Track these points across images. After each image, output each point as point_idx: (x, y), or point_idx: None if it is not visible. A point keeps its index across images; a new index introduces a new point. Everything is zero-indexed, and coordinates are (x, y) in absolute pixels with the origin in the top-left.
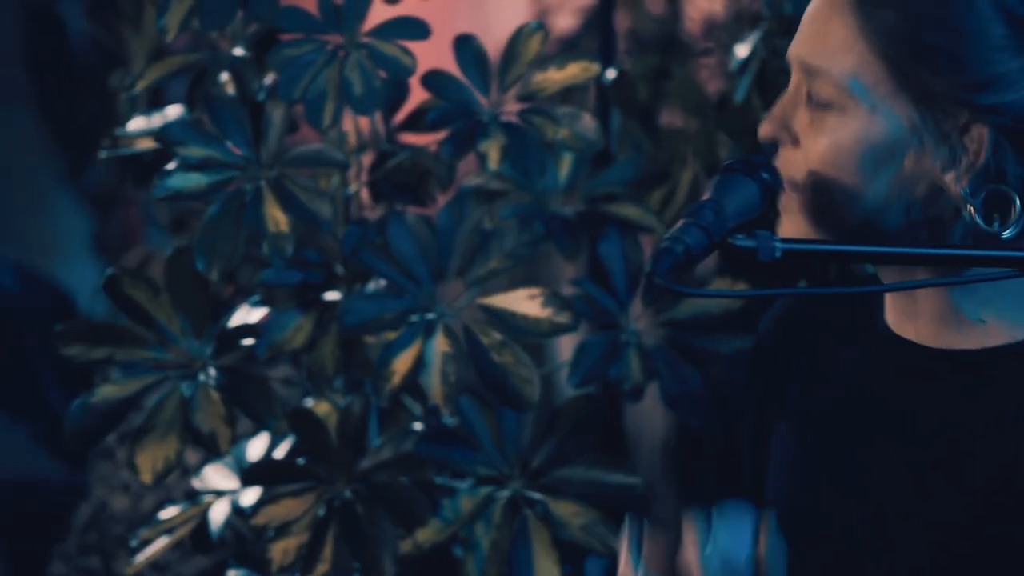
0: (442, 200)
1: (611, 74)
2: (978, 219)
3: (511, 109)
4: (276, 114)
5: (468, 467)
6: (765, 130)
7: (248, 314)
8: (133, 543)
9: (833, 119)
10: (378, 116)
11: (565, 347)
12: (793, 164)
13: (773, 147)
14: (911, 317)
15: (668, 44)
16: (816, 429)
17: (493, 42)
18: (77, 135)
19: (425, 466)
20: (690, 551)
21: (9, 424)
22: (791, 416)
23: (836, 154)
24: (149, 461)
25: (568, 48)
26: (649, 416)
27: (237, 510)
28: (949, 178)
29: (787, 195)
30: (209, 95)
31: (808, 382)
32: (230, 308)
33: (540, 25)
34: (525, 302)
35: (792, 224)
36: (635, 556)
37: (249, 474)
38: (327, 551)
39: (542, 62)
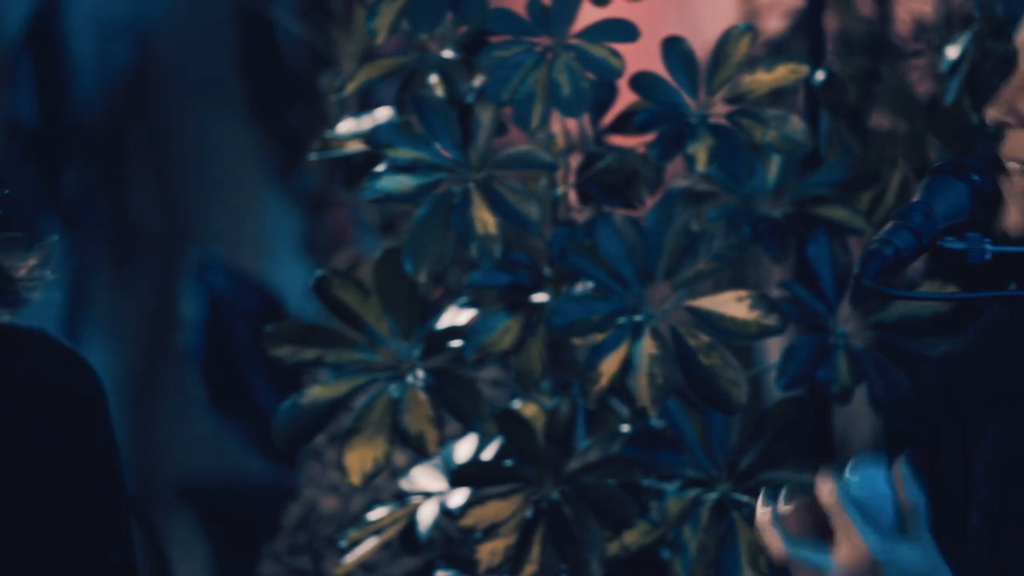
0: (650, 202)
1: (820, 76)
2: None
3: (719, 111)
4: (485, 116)
5: (675, 469)
6: (992, 113)
7: (456, 316)
8: (342, 544)
9: None
10: (586, 118)
11: (773, 349)
12: (1021, 147)
13: (1000, 130)
14: None
15: (878, 45)
16: None
17: (702, 44)
18: (287, 137)
19: (632, 468)
20: (827, 495)
21: (220, 425)
22: (1002, 417)
23: None
24: (358, 462)
25: (777, 50)
26: (857, 419)
27: (445, 511)
28: None
29: (1012, 180)
30: (418, 97)
31: (1020, 383)
32: (438, 310)
33: (749, 27)
34: (733, 304)
35: (1018, 210)
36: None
37: (457, 476)
38: (534, 552)
39: (751, 64)
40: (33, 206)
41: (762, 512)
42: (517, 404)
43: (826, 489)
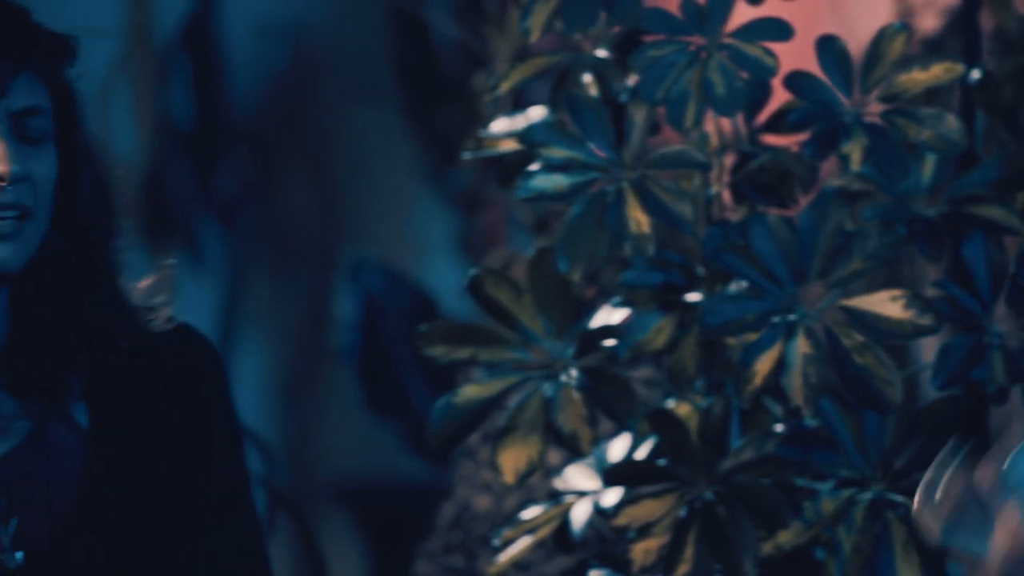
0: (803, 201)
1: (975, 74)
2: None
3: (874, 110)
4: (638, 115)
5: (830, 469)
6: None
7: (609, 315)
8: (495, 542)
9: None
10: (740, 117)
11: (927, 349)
12: None
13: None
14: None
15: None
16: None
17: (856, 43)
18: (441, 137)
19: (786, 468)
20: (985, 483)
21: (374, 425)
22: None
23: None
24: (512, 461)
25: (932, 48)
26: (1013, 419)
27: (599, 510)
28: None
29: None
30: (572, 96)
31: None
32: (591, 309)
33: (904, 25)
34: (887, 304)
35: None
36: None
37: (611, 475)
38: (688, 552)
39: (906, 63)
40: (189, 206)
41: (919, 500)
42: (670, 403)
43: (984, 477)
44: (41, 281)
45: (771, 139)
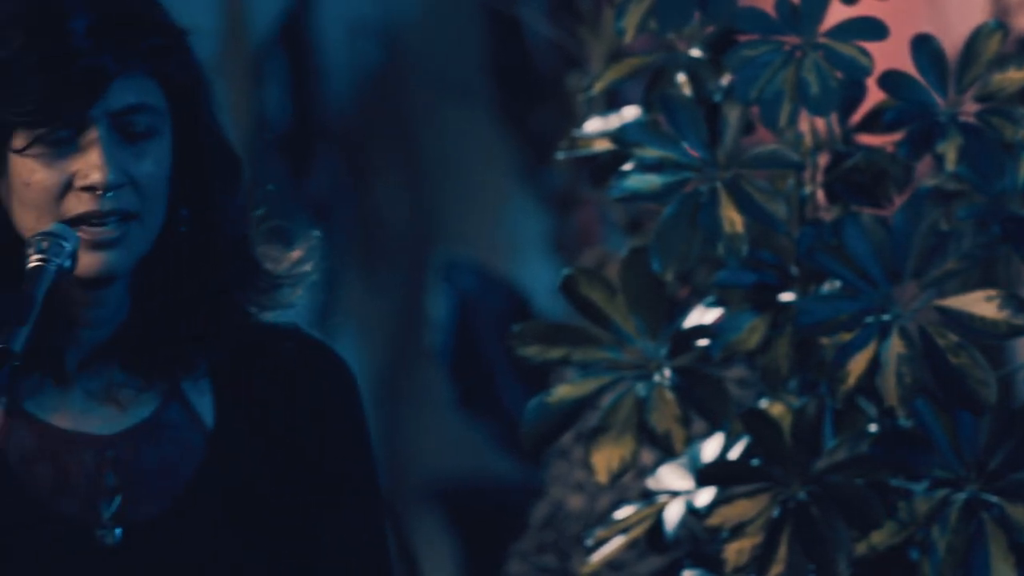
0: (898, 201)
1: None
2: None
3: (969, 109)
4: (732, 115)
5: (924, 469)
6: None
7: (703, 315)
8: (588, 542)
9: None
10: (834, 117)
11: (1023, 349)
12: None
13: None
14: None
15: None
16: None
17: (951, 42)
18: (535, 136)
19: (880, 468)
20: None
21: (467, 425)
22: None
23: None
24: (605, 461)
25: None
26: None
27: (692, 510)
28: None
29: None
30: (666, 96)
31: None
32: (685, 309)
33: (1000, 24)
34: (982, 304)
35: None
36: None
37: (704, 474)
38: (781, 552)
39: (1001, 62)
40: (284, 206)
41: None
42: (764, 403)
43: None
44: (166, 264)
45: (866, 139)
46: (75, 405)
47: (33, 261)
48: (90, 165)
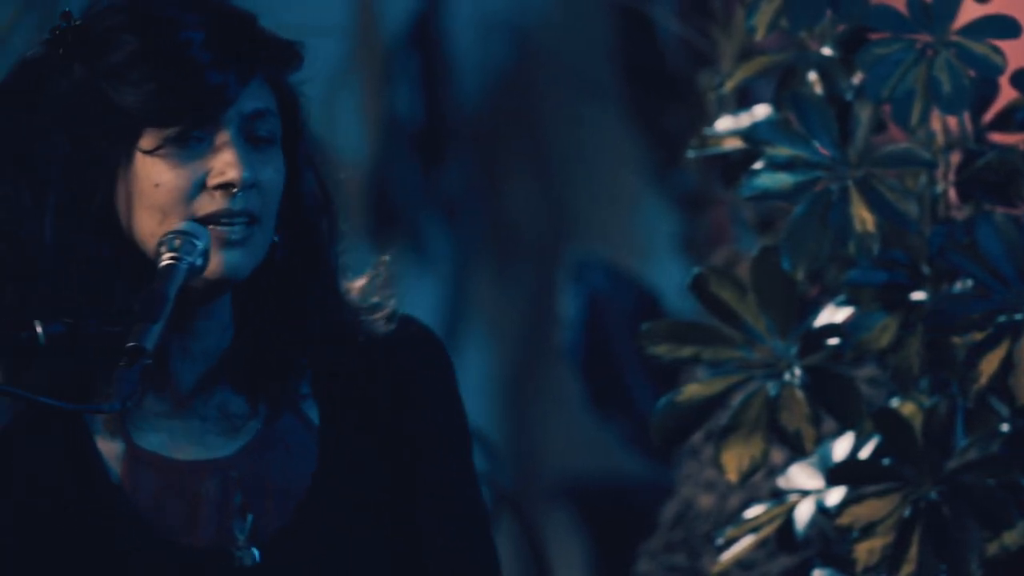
0: None
1: None
2: None
3: None
4: (863, 114)
5: None
6: None
7: (833, 314)
8: (719, 541)
9: None
10: (966, 115)
11: None
12: None
13: None
14: None
15: None
16: None
17: None
18: (665, 135)
19: (1012, 468)
20: None
21: (597, 423)
22: None
23: None
24: (735, 460)
25: None
26: None
27: (822, 509)
28: None
29: None
30: (797, 95)
31: None
32: (815, 308)
33: None
34: None
35: None
36: None
37: (834, 474)
38: (912, 552)
39: None
40: (415, 204)
41: None
42: (895, 403)
43: None
44: (266, 283)
45: (998, 137)
46: (190, 433)
47: (165, 259)
48: (225, 163)
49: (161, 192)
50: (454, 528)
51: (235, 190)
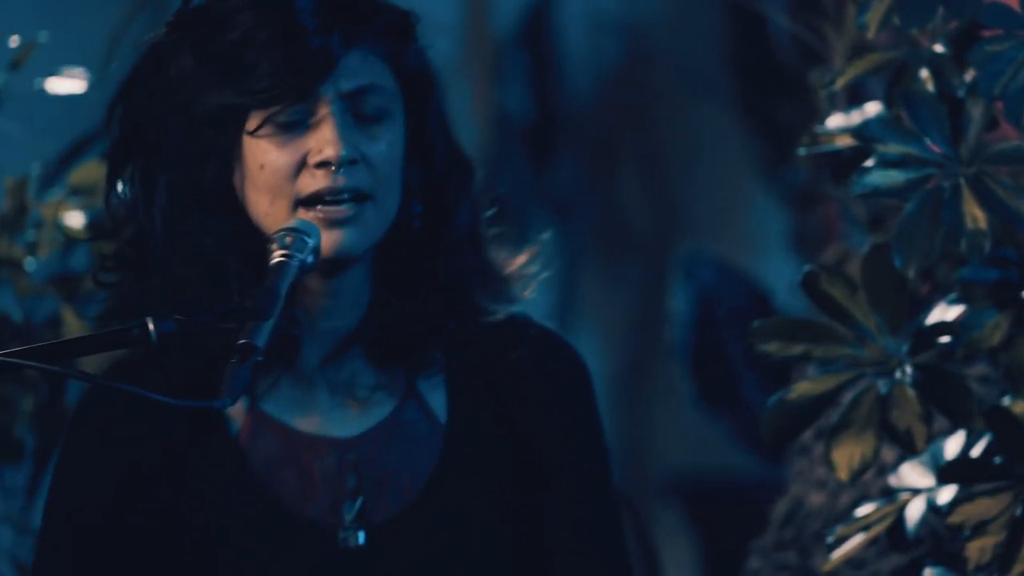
0: None
1: None
2: None
3: None
4: (975, 111)
5: None
6: None
7: (945, 312)
8: (829, 540)
9: None
10: None
11: None
12: None
13: None
14: None
15: None
16: None
17: None
18: (776, 132)
19: None
20: None
21: (708, 421)
22: None
23: None
24: (845, 458)
25: None
26: None
27: (933, 508)
28: None
29: None
30: (908, 92)
31: None
32: (927, 306)
33: None
34: None
35: None
36: None
37: (945, 472)
38: None
39: None
40: (525, 201)
41: None
42: (1006, 401)
43: None
44: (404, 256)
45: None
46: (317, 406)
47: (276, 256)
48: (323, 140)
49: (266, 173)
50: (588, 537)
51: (333, 167)
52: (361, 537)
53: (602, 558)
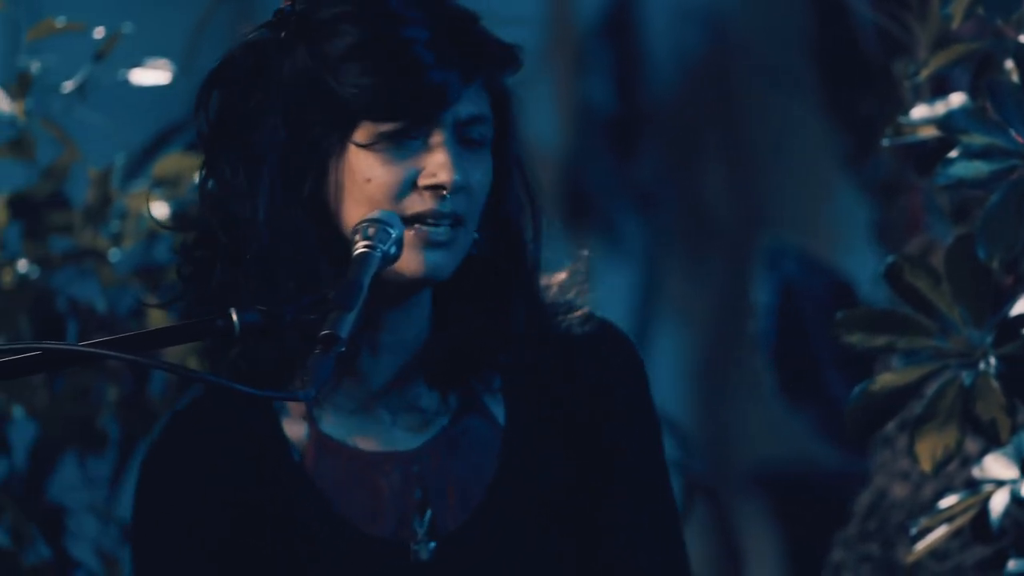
0: None
1: None
2: None
3: None
4: None
5: None
6: None
7: None
8: (913, 531)
9: None
10: None
11: None
12: None
13: None
14: None
15: None
16: None
17: None
18: (860, 123)
19: None
20: None
21: (791, 412)
22: None
23: None
24: (929, 449)
25: None
26: None
27: (1017, 499)
28: None
29: None
30: (993, 83)
31: None
32: (1011, 297)
33: None
34: None
35: None
36: None
37: None
38: None
39: None
40: (608, 193)
41: None
42: None
43: None
44: (466, 280)
45: None
46: (377, 424)
47: (359, 247)
48: (438, 164)
49: (372, 187)
50: (646, 538)
51: (445, 192)
52: (432, 548)
53: (661, 558)
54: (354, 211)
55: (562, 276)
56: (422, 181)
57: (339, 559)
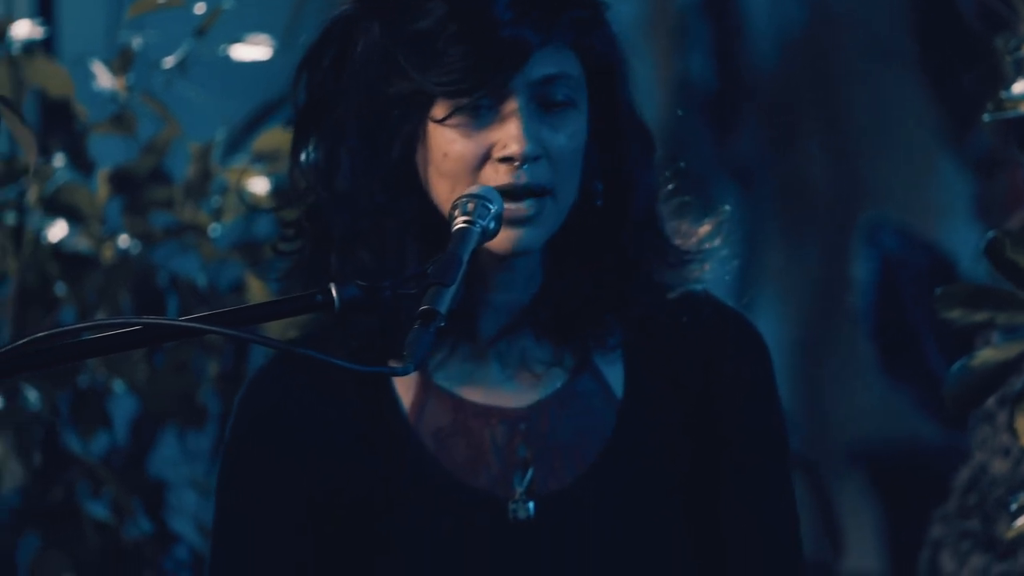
0: None
1: None
2: None
3: None
4: None
5: None
6: None
7: None
8: (1013, 507)
9: None
10: None
11: None
12: None
13: None
14: None
15: None
16: None
17: None
18: (961, 99)
19: None
20: None
21: (891, 388)
22: None
23: None
24: None
25: None
26: None
27: None
28: None
29: None
30: None
31: None
32: None
33: None
34: None
35: None
36: None
37: None
38: None
39: None
40: (708, 169)
41: None
42: None
43: None
44: (582, 232)
45: None
46: (488, 378)
47: (459, 223)
48: (509, 136)
49: (449, 162)
50: (760, 513)
51: (516, 163)
52: (531, 508)
53: (776, 535)
54: (439, 184)
55: (705, 228)
56: (495, 153)
57: (436, 508)
